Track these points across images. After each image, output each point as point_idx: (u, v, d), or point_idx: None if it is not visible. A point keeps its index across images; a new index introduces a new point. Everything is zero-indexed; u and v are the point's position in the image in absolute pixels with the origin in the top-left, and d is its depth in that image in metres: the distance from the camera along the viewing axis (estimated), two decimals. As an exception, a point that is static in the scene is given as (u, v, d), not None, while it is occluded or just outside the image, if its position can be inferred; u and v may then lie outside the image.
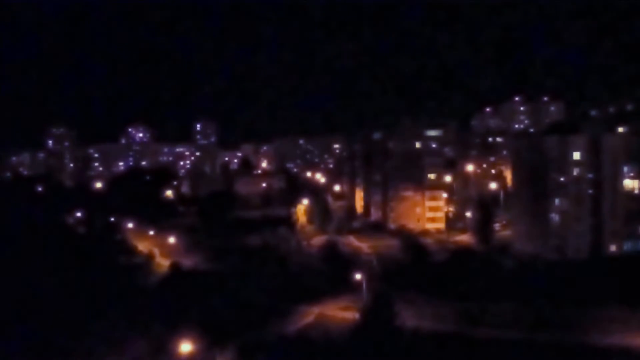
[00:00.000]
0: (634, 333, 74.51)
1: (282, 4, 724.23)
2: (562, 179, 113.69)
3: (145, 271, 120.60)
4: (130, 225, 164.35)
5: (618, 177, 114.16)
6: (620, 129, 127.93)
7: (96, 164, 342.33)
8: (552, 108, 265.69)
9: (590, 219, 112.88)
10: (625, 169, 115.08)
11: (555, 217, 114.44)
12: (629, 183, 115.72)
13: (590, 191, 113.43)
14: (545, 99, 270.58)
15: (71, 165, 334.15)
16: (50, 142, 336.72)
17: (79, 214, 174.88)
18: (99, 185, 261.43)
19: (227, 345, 74.01)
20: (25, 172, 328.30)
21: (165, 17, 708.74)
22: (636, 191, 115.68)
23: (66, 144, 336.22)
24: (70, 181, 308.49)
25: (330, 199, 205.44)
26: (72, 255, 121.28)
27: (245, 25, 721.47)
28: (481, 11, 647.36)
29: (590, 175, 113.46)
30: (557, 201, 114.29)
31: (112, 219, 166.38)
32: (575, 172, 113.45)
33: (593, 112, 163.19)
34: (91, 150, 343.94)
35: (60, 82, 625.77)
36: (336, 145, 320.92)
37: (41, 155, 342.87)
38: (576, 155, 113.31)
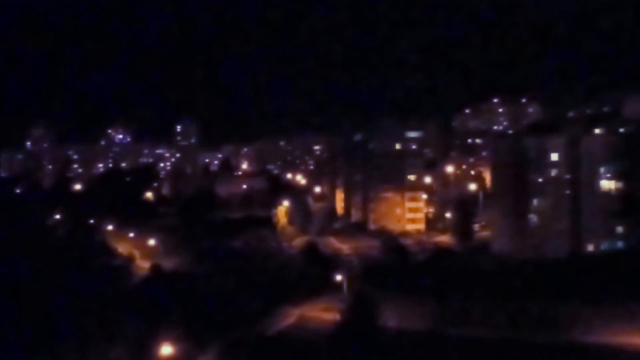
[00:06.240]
0: (612, 331, 75.60)
1: (265, 5, 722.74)
2: (540, 180, 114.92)
3: (125, 273, 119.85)
4: (110, 226, 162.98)
5: (595, 178, 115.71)
6: (597, 130, 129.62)
7: (75, 166, 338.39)
8: (531, 109, 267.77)
9: (569, 219, 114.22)
10: (602, 169, 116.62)
11: (534, 217, 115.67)
12: (605, 183, 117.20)
13: (568, 191, 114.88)
14: (524, 100, 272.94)
15: (50, 166, 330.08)
16: (28, 143, 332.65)
17: (58, 216, 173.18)
18: (78, 186, 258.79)
19: (208, 347, 73.90)
20: (3, 174, 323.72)
21: (147, 16, 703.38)
22: (613, 191, 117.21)
23: (45, 145, 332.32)
24: (49, 182, 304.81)
25: (310, 200, 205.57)
26: (50, 257, 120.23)
27: (226, 26, 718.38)
28: (460, 10, 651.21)
29: (568, 176, 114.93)
30: (535, 201, 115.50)
31: (92, 221, 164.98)
32: (554, 172, 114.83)
33: (571, 114, 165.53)
34: (70, 152, 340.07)
35: (39, 83, 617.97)
36: (317, 147, 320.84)
37: (19, 156, 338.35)
38: (554, 156, 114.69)
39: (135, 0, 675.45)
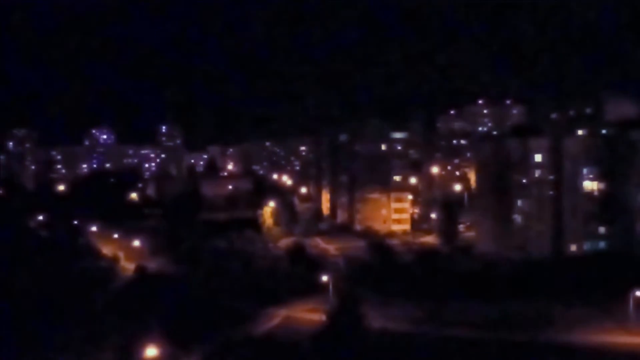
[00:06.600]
0: (594, 330, 76.65)
1: (252, 7, 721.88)
2: (524, 181, 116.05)
3: (110, 275, 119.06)
4: (94, 228, 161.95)
5: (578, 179, 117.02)
6: (580, 132, 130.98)
7: (59, 167, 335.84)
8: (515, 111, 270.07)
9: (552, 220, 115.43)
10: (585, 170, 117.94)
11: (517, 217, 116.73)
12: (588, 184, 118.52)
13: (551, 192, 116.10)
14: (508, 101, 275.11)
15: (33, 167, 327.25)
16: (10, 144, 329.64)
17: (41, 217, 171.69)
18: (61, 188, 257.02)
19: (193, 349, 73.75)
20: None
21: (129, 16, 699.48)
22: (595, 192, 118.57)
23: (27, 145, 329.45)
24: (32, 184, 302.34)
25: (296, 201, 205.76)
26: (34, 259, 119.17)
27: (210, 26, 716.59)
28: (443, 13, 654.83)
29: (551, 177, 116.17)
30: (519, 202, 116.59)
31: (76, 222, 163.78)
32: (537, 173, 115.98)
33: (553, 115, 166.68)
34: (54, 152, 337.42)
35: (21, 83, 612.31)
36: (303, 148, 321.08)
37: (1, 157, 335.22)
38: (538, 158, 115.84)
39: (122, 2, 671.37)
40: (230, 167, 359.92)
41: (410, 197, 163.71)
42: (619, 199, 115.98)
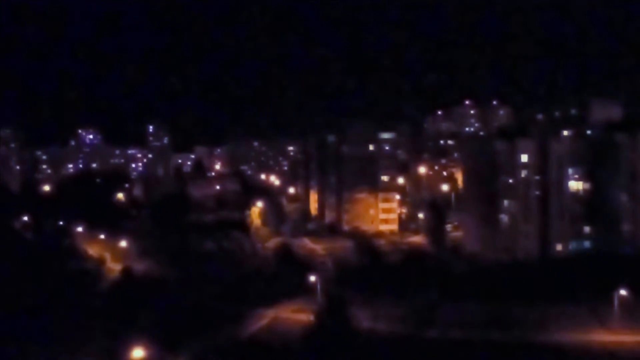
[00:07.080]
0: (581, 329, 77.22)
1: (241, 8, 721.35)
2: (510, 181, 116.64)
3: (96, 276, 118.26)
4: (80, 229, 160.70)
5: (564, 179, 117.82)
6: (566, 133, 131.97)
7: (44, 167, 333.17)
8: (501, 112, 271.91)
9: (538, 220, 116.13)
10: (570, 171, 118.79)
11: (504, 218, 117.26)
12: (573, 185, 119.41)
13: (537, 193, 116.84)
14: (495, 103, 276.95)
15: (18, 168, 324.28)
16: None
17: (26, 218, 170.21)
18: (47, 188, 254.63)
19: (180, 351, 73.45)
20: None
21: (116, 16, 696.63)
22: (581, 193, 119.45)
23: (12, 146, 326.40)
24: (17, 184, 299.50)
25: (284, 201, 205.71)
26: (19, 261, 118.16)
27: (197, 26, 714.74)
28: (433, 14, 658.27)
29: (537, 178, 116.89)
30: (506, 203, 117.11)
31: (61, 223, 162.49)
32: (523, 174, 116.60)
33: (539, 116, 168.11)
34: (39, 153, 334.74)
35: (5, 83, 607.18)
36: (290, 148, 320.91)
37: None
38: (524, 158, 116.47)
39: (109, 4, 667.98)
40: (217, 167, 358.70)
41: (398, 197, 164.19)
42: (604, 199, 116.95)
